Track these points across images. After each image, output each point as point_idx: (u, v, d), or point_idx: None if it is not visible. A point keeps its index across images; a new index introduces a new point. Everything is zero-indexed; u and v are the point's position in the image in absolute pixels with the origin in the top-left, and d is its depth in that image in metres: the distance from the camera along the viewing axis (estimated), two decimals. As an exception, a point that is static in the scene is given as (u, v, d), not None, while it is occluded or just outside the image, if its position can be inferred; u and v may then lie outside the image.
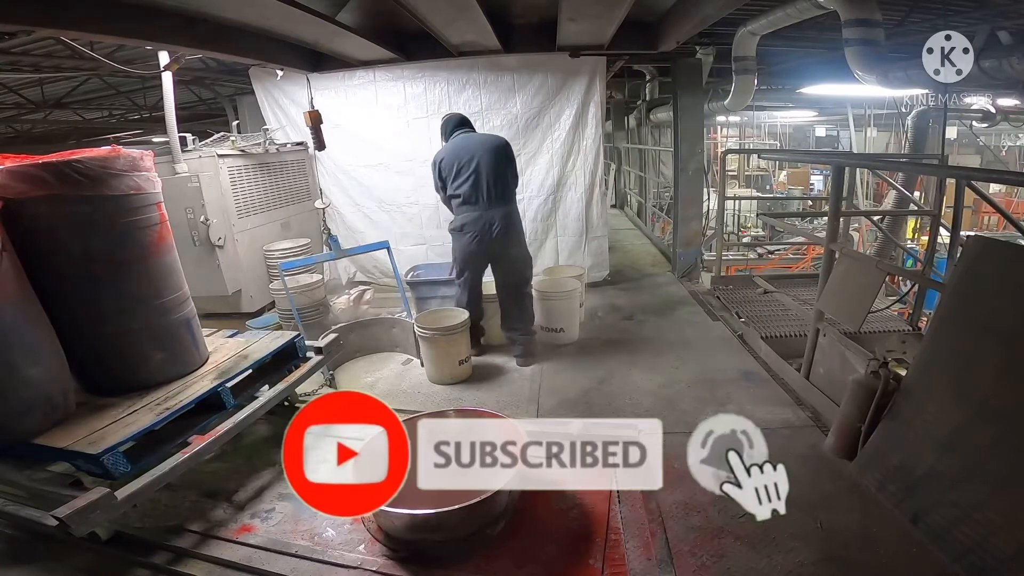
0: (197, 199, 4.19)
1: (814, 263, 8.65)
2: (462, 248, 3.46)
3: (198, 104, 7.80)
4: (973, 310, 2.09)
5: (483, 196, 3.34)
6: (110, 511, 1.86)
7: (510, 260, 3.51)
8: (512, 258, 3.51)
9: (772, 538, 1.96)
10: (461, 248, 3.46)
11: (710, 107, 6.46)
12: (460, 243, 3.46)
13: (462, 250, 3.46)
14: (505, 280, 3.57)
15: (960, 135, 12.72)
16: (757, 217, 10.56)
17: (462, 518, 1.93)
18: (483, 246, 3.40)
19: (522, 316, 3.59)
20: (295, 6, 2.92)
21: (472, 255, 3.46)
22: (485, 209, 3.35)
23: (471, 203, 3.37)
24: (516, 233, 3.51)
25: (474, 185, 3.34)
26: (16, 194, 2.12)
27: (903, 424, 2.19)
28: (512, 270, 3.54)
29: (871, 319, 3.36)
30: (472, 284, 3.58)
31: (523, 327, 3.60)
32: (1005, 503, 1.74)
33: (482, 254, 3.46)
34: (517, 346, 3.62)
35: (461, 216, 3.41)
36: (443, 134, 3.60)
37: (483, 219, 3.35)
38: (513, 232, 3.47)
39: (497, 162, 3.37)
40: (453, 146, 3.44)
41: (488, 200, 3.35)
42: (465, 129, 3.54)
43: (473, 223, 3.37)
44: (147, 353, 2.45)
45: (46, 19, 2.61)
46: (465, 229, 3.40)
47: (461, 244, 3.45)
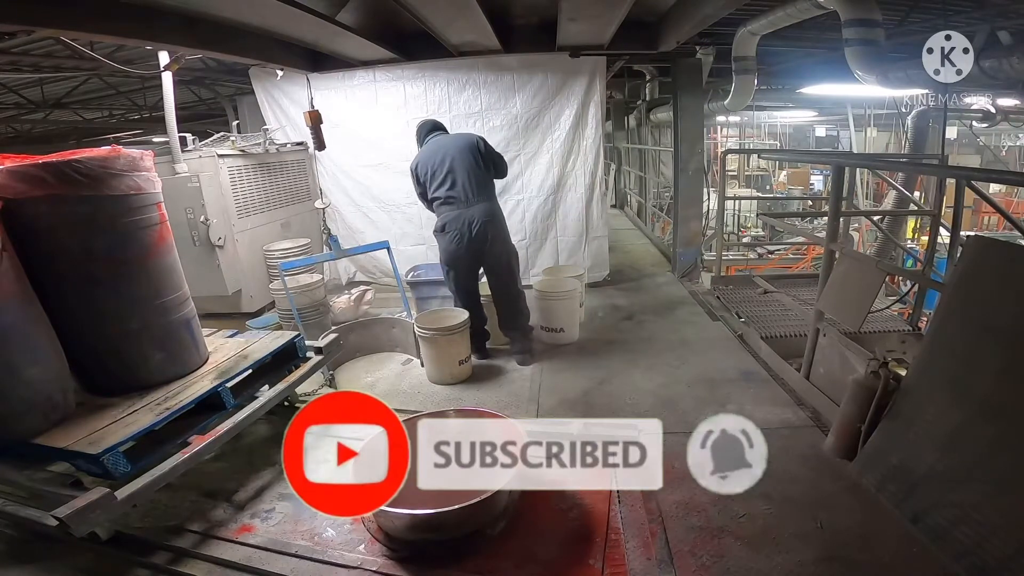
0: (197, 199, 4.19)
1: (814, 263, 8.65)
2: (445, 248, 3.47)
3: (198, 104, 7.80)
4: (973, 310, 2.09)
5: (461, 195, 3.37)
6: (110, 511, 1.86)
7: (495, 256, 3.50)
8: (496, 253, 3.50)
9: (772, 538, 1.96)
10: (444, 248, 3.48)
11: (710, 107, 6.46)
12: (443, 243, 3.47)
13: (445, 250, 3.48)
14: (494, 279, 3.58)
15: (960, 135, 12.72)
16: (757, 217, 10.55)
17: (462, 518, 1.93)
18: (464, 244, 3.39)
19: (515, 313, 3.59)
20: (295, 6, 2.92)
21: (455, 254, 3.45)
22: (464, 207, 3.37)
23: (450, 203, 3.39)
24: (497, 228, 3.49)
25: (451, 185, 3.37)
26: (16, 194, 2.11)
27: (903, 424, 2.19)
28: (498, 265, 3.53)
29: (871, 319, 3.37)
30: (463, 286, 3.57)
31: (517, 324, 3.60)
32: (1005, 503, 1.74)
33: (465, 253, 3.44)
34: (515, 344, 3.63)
35: (442, 217, 3.44)
36: (418, 141, 3.67)
37: (463, 217, 3.36)
38: (494, 227, 3.46)
39: (470, 159, 3.39)
40: (426, 150, 3.50)
41: (466, 198, 3.37)
42: (437, 132, 3.60)
43: (453, 222, 3.38)
44: (147, 353, 2.45)
45: (46, 19, 2.61)
46: (447, 229, 3.41)
47: (444, 244, 3.47)
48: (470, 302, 3.58)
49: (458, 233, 3.38)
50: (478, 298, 3.64)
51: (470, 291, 3.60)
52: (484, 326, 3.69)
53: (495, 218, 3.49)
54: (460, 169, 3.37)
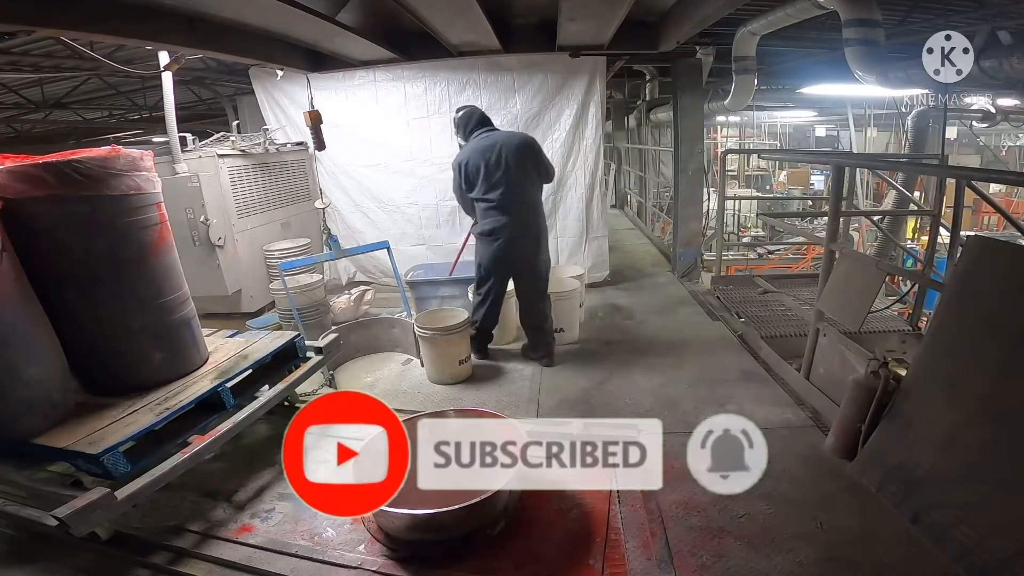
0: (197, 199, 4.19)
1: (814, 263, 8.64)
2: (490, 254, 3.27)
3: (198, 104, 7.81)
4: (973, 310, 2.09)
5: (514, 201, 3.20)
6: (110, 511, 1.86)
7: (538, 266, 3.38)
8: (540, 263, 3.39)
9: (772, 538, 1.96)
10: (489, 254, 3.28)
11: (710, 107, 6.47)
12: (487, 248, 3.28)
13: (490, 256, 3.28)
14: (530, 287, 3.44)
15: (960, 135, 12.72)
16: (757, 217, 10.56)
17: (462, 518, 1.93)
18: (512, 254, 3.25)
19: (545, 318, 3.49)
20: (295, 6, 2.92)
21: (500, 261, 3.29)
22: (516, 215, 3.20)
23: (501, 208, 3.20)
24: (545, 237, 3.41)
25: (504, 190, 3.17)
26: (16, 194, 2.11)
27: (903, 424, 2.19)
28: (537, 275, 3.41)
29: (871, 319, 3.37)
30: (497, 293, 3.42)
31: (545, 329, 3.50)
32: (1005, 503, 1.74)
33: (510, 262, 3.30)
34: (540, 349, 3.52)
35: (489, 221, 3.24)
36: (461, 130, 3.35)
37: (515, 225, 3.19)
38: (543, 236, 3.37)
39: (524, 163, 3.23)
40: (478, 147, 3.24)
41: (520, 205, 3.21)
42: (487, 128, 3.35)
43: (502, 229, 3.20)
44: (147, 353, 2.45)
45: (46, 19, 2.61)
46: (494, 234, 3.21)
47: (489, 250, 3.27)
48: (496, 308, 3.47)
49: (506, 242, 3.21)
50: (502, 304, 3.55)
51: (501, 298, 3.47)
52: (493, 329, 3.62)
53: (543, 226, 3.38)
54: (515, 172, 3.18)
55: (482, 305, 3.46)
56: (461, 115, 3.37)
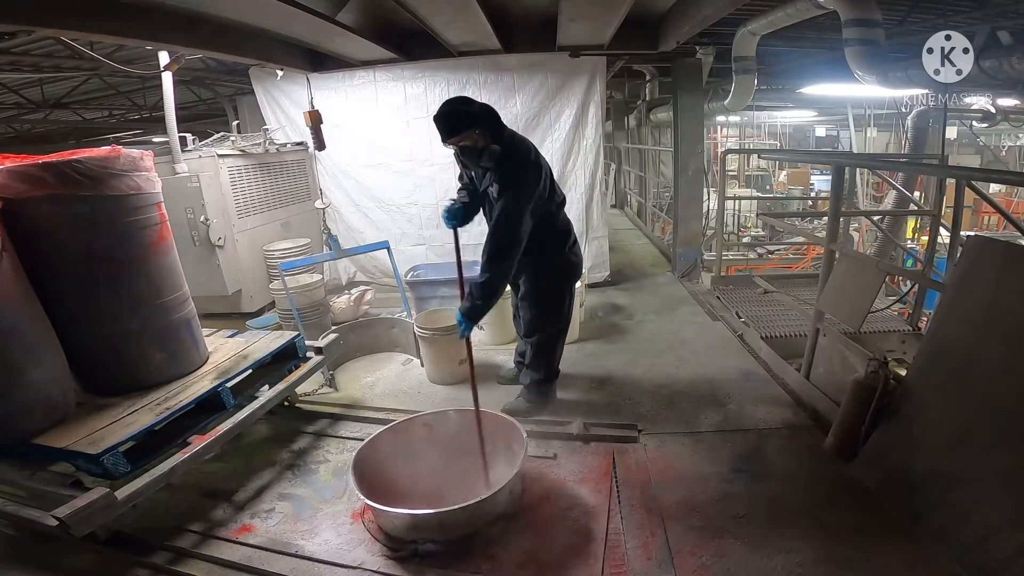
0: (197, 199, 4.19)
1: (814, 263, 8.64)
2: (574, 265, 2.86)
3: (198, 104, 7.80)
4: (973, 310, 2.08)
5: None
6: (110, 511, 1.86)
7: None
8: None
9: (772, 538, 1.96)
10: (572, 264, 2.84)
11: (710, 107, 6.46)
12: (566, 259, 2.81)
13: (574, 266, 2.85)
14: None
15: (960, 135, 12.72)
16: (757, 217, 10.55)
17: (462, 518, 1.93)
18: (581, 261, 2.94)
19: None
20: (295, 6, 2.91)
21: (577, 273, 2.93)
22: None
23: (564, 205, 2.80)
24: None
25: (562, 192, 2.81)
26: (16, 194, 2.11)
27: (903, 424, 2.19)
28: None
29: (871, 319, 3.36)
30: (569, 309, 2.98)
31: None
32: (1005, 503, 1.74)
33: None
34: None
35: (563, 222, 2.81)
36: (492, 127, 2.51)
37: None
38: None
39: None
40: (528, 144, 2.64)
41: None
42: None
43: (574, 236, 2.86)
44: (147, 353, 2.45)
45: (46, 19, 2.61)
46: (571, 234, 2.83)
47: (570, 260, 2.82)
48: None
49: (577, 249, 2.90)
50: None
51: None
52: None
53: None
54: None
55: (560, 324, 2.91)
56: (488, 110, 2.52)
